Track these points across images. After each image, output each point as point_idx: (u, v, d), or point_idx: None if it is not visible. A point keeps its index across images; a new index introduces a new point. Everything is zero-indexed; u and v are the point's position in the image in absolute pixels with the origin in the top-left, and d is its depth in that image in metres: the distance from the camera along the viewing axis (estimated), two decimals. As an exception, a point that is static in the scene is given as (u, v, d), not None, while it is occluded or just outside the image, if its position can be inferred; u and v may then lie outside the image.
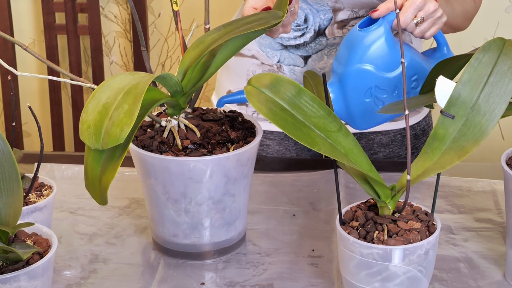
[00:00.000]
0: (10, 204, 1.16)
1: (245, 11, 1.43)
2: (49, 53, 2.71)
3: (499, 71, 1.20)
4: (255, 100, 1.18)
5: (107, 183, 1.15)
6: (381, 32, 1.43)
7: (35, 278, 1.13)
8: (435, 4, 1.46)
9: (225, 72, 1.80)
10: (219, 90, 1.82)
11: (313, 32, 1.67)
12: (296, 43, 1.69)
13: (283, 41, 1.70)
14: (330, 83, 1.48)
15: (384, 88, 1.45)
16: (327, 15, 1.65)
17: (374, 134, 1.77)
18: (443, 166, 1.18)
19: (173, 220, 1.37)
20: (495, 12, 2.62)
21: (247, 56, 1.73)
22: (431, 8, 1.46)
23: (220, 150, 1.33)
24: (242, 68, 1.75)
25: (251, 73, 1.73)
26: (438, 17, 1.48)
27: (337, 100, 1.47)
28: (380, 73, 1.44)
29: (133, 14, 1.36)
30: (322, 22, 1.66)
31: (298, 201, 1.57)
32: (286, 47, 1.70)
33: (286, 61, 1.70)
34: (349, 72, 1.45)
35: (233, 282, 1.34)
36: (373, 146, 1.77)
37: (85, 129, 1.15)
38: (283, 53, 1.70)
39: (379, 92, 1.46)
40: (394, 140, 1.78)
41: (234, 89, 1.77)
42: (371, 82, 1.45)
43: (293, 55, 1.70)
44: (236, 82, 1.76)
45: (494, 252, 1.40)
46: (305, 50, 1.69)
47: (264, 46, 1.71)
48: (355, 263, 1.19)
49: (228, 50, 1.34)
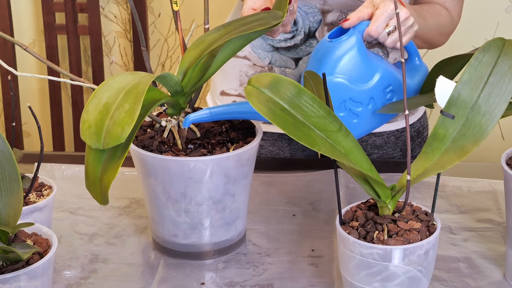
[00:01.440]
0: (10, 204, 1.16)
1: (244, 12, 1.42)
2: (49, 53, 2.71)
3: (499, 71, 1.20)
4: (255, 100, 1.18)
5: (108, 183, 1.15)
6: (353, 42, 1.38)
7: (35, 278, 1.13)
8: (406, 12, 1.42)
9: (219, 72, 1.79)
10: (213, 90, 1.83)
11: (303, 35, 1.67)
12: (286, 45, 1.68)
13: (274, 42, 1.69)
14: None
15: (358, 101, 1.40)
16: (316, 17, 1.65)
17: (368, 136, 1.76)
18: (443, 166, 1.18)
19: (173, 220, 1.37)
20: (495, 12, 2.62)
21: (240, 57, 1.73)
22: (402, 16, 1.41)
23: (220, 150, 1.33)
24: (235, 68, 1.74)
25: (243, 74, 1.73)
26: (409, 25, 1.43)
27: None
28: (353, 85, 1.39)
29: (133, 14, 1.36)
30: (311, 25, 1.65)
31: (298, 201, 1.57)
32: (277, 49, 1.69)
33: (277, 63, 1.70)
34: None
35: (233, 282, 1.34)
36: (367, 147, 1.77)
37: (86, 129, 1.15)
38: (274, 54, 1.70)
39: (353, 105, 1.40)
40: (388, 142, 1.77)
41: (227, 89, 1.77)
42: (345, 95, 1.38)
43: (284, 57, 1.69)
44: (229, 82, 1.76)
45: (494, 252, 1.40)
46: (295, 52, 1.68)
47: (256, 47, 1.71)
48: (355, 263, 1.19)
49: (228, 50, 1.34)
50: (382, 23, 1.39)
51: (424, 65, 1.48)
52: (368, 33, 1.40)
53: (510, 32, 2.62)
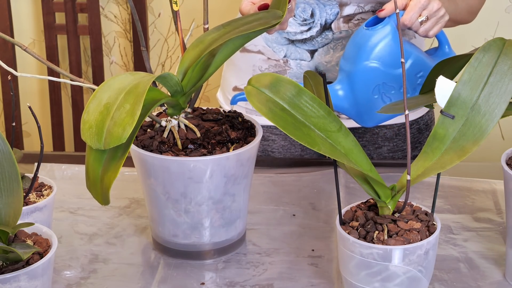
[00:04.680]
0: (10, 204, 1.15)
1: (243, 6, 1.44)
2: (49, 53, 2.71)
3: (499, 71, 1.20)
4: (255, 100, 1.18)
5: (109, 183, 1.15)
6: (388, 30, 1.48)
7: (35, 278, 1.13)
8: (438, 3, 1.50)
9: (231, 68, 1.81)
10: (225, 86, 1.83)
11: (320, 27, 1.69)
12: (302, 38, 1.70)
13: (289, 35, 1.71)
14: (339, 81, 1.51)
15: (391, 84, 1.50)
16: (334, 10, 1.67)
17: (379, 128, 1.78)
18: (443, 166, 1.18)
19: (173, 220, 1.37)
20: (495, 12, 2.62)
21: (253, 52, 1.74)
22: (434, 7, 1.50)
23: (220, 150, 1.33)
24: (248, 63, 1.76)
25: (257, 69, 1.75)
26: (441, 15, 1.51)
27: (346, 97, 1.51)
28: (387, 70, 1.48)
29: (133, 14, 1.36)
30: (328, 17, 1.68)
31: (298, 201, 1.57)
32: (293, 42, 1.71)
33: (293, 56, 1.72)
34: (357, 69, 1.49)
35: (233, 282, 1.34)
36: (378, 140, 1.79)
37: (86, 129, 1.15)
38: (289, 47, 1.72)
39: (387, 88, 1.50)
40: (398, 134, 1.79)
41: (240, 84, 1.78)
42: (379, 79, 1.49)
43: (299, 50, 1.71)
44: (242, 77, 1.77)
45: (494, 252, 1.40)
46: (311, 44, 1.70)
47: (270, 41, 1.72)
48: (355, 263, 1.19)
49: (228, 50, 1.34)
50: (416, 13, 1.49)
51: (453, 53, 1.57)
52: (402, 22, 1.49)
53: (510, 32, 2.62)
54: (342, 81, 1.51)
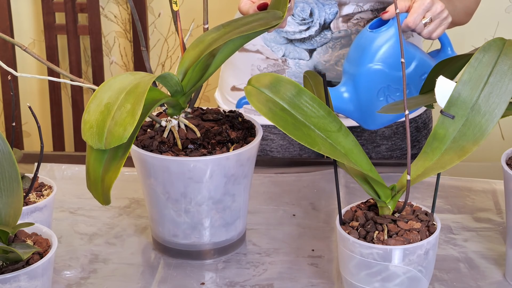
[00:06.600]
0: (10, 204, 1.16)
1: (242, 4, 1.45)
2: (49, 53, 2.70)
3: (499, 71, 1.20)
4: (255, 100, 1.18)
5: (110, 183, 1.15)
6: (392, 33, 1.48)
7: (35, 278, 1.13)
8: (441, 5, 1.51)
9: (229, 67, 1.81)
10: (223, 86, 1.83)
11: (318, 26, 1.69)
12: (301, 37, 1.70)
13: (288, 35, 1.71)
14: (343, 83, 1.51)
15: (396, 86, 1.50)
16: (333, 9, 1.67)
17: None
18: (443, 166, 1.18)
19: (173, 220, 1.37)
20: (495, 12, 2.62)
21: (252, 51, 1.74)
22: (438, 8, 1.50)
23: (220, 150, 1.33)
24: (246, 63, 1.76)
25: (256, 68, 1.75)
26: (444, 17, 1.52)
27: (351, 100, 1.51)
28: (391, 72, 1.49)
29: (133, 14, 1.36)
30: (327, 16, 1.68)
31: (298, 201, 1.57)
32: (291, 41, 1.71)
33: (291, 55, 1.72)
34: (361, 72, 1.49)
35: (233, 282, 1.34)
36: (376, 138, 1.79)
37: (87, 129, 1.15)
38: (288, 47, 1.72)
39: (391, 91, 1.50)
40: (397, 133, 1.79)
41: (238, 84, 1.78)
42: (384, 81, 1.49)
43: (298, 49, 1.71)
44: (241, 77, 1.77)
45: (494, 252, 1.41)
46: (310, 43, 1.70)
47: (269, 40, 1.73)
48: (355, 263, 1.19)
49: (228, 50, 1.34)
50: (420, 15, 1.49)
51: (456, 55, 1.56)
52: (406, 24, 1.49)
53: (510, 32, 2.62)
54: (346, 83, 1.51)
